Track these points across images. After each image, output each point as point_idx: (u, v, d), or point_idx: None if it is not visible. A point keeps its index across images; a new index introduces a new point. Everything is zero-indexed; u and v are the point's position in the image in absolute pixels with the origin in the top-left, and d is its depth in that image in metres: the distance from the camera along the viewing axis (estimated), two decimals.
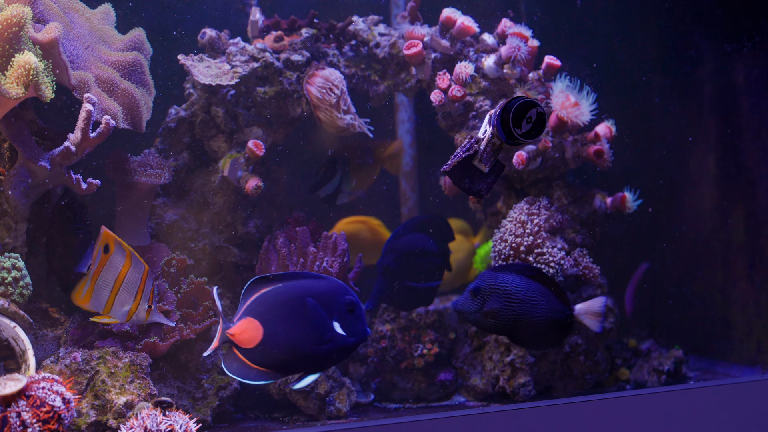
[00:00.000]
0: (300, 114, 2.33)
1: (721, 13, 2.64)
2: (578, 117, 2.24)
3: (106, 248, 1.85)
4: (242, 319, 1.76)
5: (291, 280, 1.80)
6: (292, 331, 1.75)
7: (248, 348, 1.75)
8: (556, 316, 2.00)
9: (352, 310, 1.80)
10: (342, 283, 1.84)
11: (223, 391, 2.08)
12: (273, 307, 1.76)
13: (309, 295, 1.77)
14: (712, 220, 2.67)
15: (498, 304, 1.99)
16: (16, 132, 1.89)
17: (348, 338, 1.79)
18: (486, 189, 1.71)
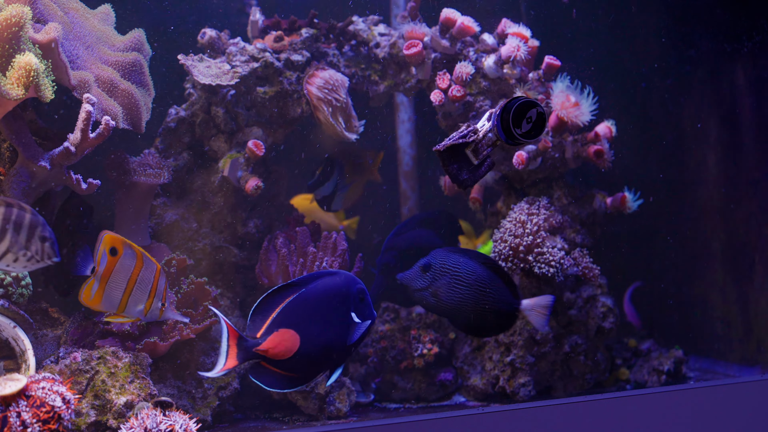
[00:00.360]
0: (300, 114, 2.33)
1: (721, 13, 2.64)
2: (578, 117, 2.24)
3: (113, 251, 1.86)
4: (275, 332, 1.74)
5: (310, 283, 1.80)
6: (325, 332, 1.77)
7: (284, 359, 1.74)
8: (502, 306, 1.96)
9: (363, 298, 1.82)
10: (350, 274, 1.86)
11: (223, 391, 2.08)
12: (304, 312, 1.76)
13: (330, 293, 1.79)
14: (713, 220, 2.67)
15: (446, 284, 1.95)
16: (16, 132, 1.89)
17: (363, 324, 1.81)
18: (471, 181, 1.70)
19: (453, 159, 1.69)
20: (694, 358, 2.64)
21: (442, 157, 1.70)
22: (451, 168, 1.69)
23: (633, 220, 2.45)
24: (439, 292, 1.96)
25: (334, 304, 1.78)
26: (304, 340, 1.74)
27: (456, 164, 1.69)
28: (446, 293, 1.96)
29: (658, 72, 2.79)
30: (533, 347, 2.23)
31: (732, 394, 2.05)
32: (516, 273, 2.21)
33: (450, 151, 1.68)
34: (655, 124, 2.80)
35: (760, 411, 2.04)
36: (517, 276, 2.27)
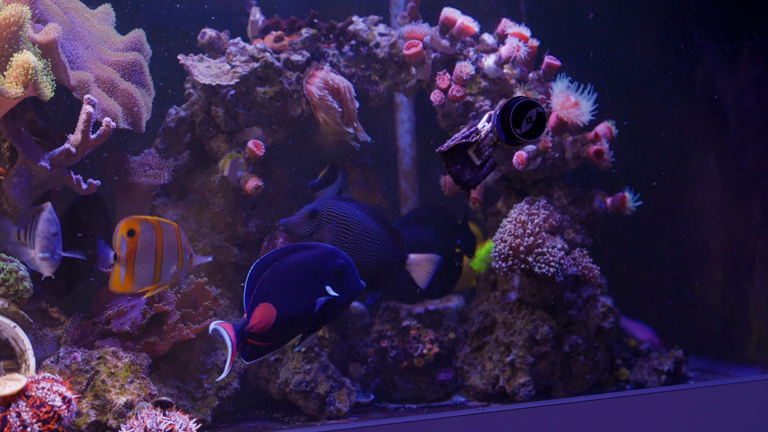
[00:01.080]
0: (300, 114, 2.33)
1: (721, 13, 2.64)
2: (578, 117, 2.24)
3: (130, 233, 1.89)
4: (256, 308, 1.81)
5: (286, 256, 1.84)
6: (296, 303, 1.82)
7: (265, 332, 1.81)
8: (388, 258, 1.95)
9: (342, 272, 1.84)
10: (332, 248, 1.88)
11: (223, 391, 2.08)
12: (278, 285, 1.82)
13: (302, 265, 1.83)
14: (712, 220, 2.67)
15: (333, 231, 1.92)
16: (16, 132, 1.89)
17: (340, 296, 1.83)
18: (474, 182, 1.70)
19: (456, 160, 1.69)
20: (694, 358, 2.64)
21: (445, 158, 1.70)
22: (454, 169, 1.69)
23: (633, 220, 2.45)
24: (325, 239, 1.92)
25: (306, 277, 1.83)
26: (279, 312, 1.80)
27: (459, 165, 1.69)
28: (332, 241, 1.93)
29: (658, 72, 2.79)
30: (533, 347, 2.23)
31: (732, 394, 2.05)
32: (516, 273, 2.21)
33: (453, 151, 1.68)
34: (655, 124, 2.80)
35: (760, 411, 2.04)
36: (517, 276, 2.27)
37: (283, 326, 1.82)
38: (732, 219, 2.59)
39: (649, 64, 2.79)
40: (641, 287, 2.78)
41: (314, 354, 2.16)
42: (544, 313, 2.26)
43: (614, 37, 2.76)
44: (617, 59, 2.76)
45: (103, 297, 2.06)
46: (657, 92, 2.80)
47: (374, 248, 1.94)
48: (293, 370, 2.14)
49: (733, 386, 2.09)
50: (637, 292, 2.74)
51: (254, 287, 1.83)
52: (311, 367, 2.14)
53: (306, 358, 2.15)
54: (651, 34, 2.79)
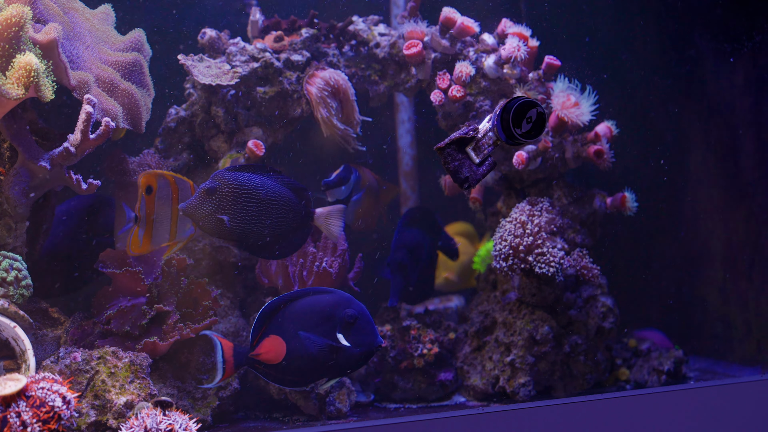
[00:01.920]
0: (300, 114, 2.33)
1: (721, 13, 2.64)
2: (578, 117, 2.24)
3: (148, 190, 1.90)
4: (267, 338, 1.90)
5: (304, 297, 1.93)
6: (309, 345, 1.89)
7: (274, 364, 1.91)
8: (297, 217, 1.94)
9: (352, 323, 1.89)
10: (347, 296, 1.93)
11: (223, 391, 2.08)
12: (292, 324, 1.89)
13: (316, 309, 1.90)
14: (712, 220, 2.67)
15: (237, 204, 1.87)
16: (16, 132, 1.89)
17: (353, 348, 1.89)
18: (472, 180, 1.70)
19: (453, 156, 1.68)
20: (694, 358, 2.64)
21: (443, 155, 1.69)
22: (452, 166, 1.68)
23: (633, 220, 2.45)
24: (230, 214, 1.88)
25: (318, 321, 1.89)
26: (289, 349, 1.89)
27: (456, 162, 1.68)
28: (239, 214, 1.89)
29: (658, 72, 2.79)
30: (533, 347, 2.23)
31: (732, 394, 2.05)
32: (516, 273, 2.21)
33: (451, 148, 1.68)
34: (655, 124, 2.80)
35: (760, 411, 2.04)
36: (517, 276, 2.27)
37: (294, 364, 1.89)
38: (732, 219, 2.59)
39: (649, 64, 2.79)
40: (641, 287, 2.78)
41: None
42: (544, 313, 2.26)
43: (614, 37, 2.76)
44: (617, 59, 2.76)
45: (103, 297, 2.06)
46: (657, 92, 2.80)
47: (282, 210, 1.93)
48: None
49: (733, 386, 2.09)
50: (637, 292, 2.74)
51: (264, 321, 1.91)
52: None
53: None
54: (651, 34, 2.79)
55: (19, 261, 1.85)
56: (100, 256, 2.08)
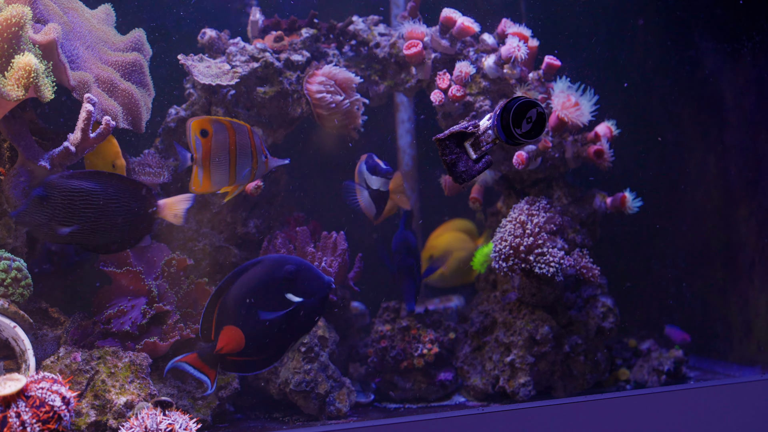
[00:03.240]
0: (300, 114, 2.33)
1: (721, 13, 2.64)
2: (578, 117, 2.24)
3: (203, 133, 1.91)
4: (222, 331, 1.87)
5: (238, 278, 1.87)
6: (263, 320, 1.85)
7: (241, 350, 1.87)
8: (139, 213, 1.90)
9: (294, 277, 1.86)
10: (277, 256, 1.92)
11: (223, 391, 2.08)
12: (237, 308, 1.86)
13: (253, 284, 1.86)
14: (713, 220, 2.67)
15: (72, 210, 1.82)
16: (16, 132, 1.89)
17: (308, 301, 1.86)
18: (467, 176, 1.69)
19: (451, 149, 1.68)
20: (694, 358, 2.64)
21: (441, 146, 1.68)
22: (448, 159, 1.68)
23: (633, 220, 2.45)
24: (65, 221, 1.83)
25: (263, 293, 1.86)
26: (246, 333, 1.85)
27: (453, 155, 1.68)
28: (75, 220, 1.84)
29: (658, 72, 2.79)
30: (533, 347, 2.23)
31: (732, 394, 2.05)
32: (516, 273, 2.21)
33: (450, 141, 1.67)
34: (655, 124, 2.80)
35: (760, 411, 2.04)
36: (517, 276, 2.27)
37: (260, 343, 1.86)
38: (732, 219, 2.59)
39: (649, 64, 2.79)
40: (641, 287, 2.78)
41: (314, 354, 2.16)
42: (544, 313, 2.26)
43: (614, 37, 2.76)
44: (617, 59, 2.76)
45: (103, 297, 2.06)
46: (657, 92, 2.80)
47: (123, 210, 1.89)
48: (293, 370, 2.14)
49: (733, 386, 2.09)
50: (637, 292, 2.74)
51: (213, 313, 1.87)
52: (311, 367, 2.14)
53: (306, 358, 2.15)
54: (651, 34, 2.79)
55: (19, 261, 1.85)
56: (100, 255, 2.08)
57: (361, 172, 2.16)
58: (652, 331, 2.65)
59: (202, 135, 1.94)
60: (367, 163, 2.12)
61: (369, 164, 2.11)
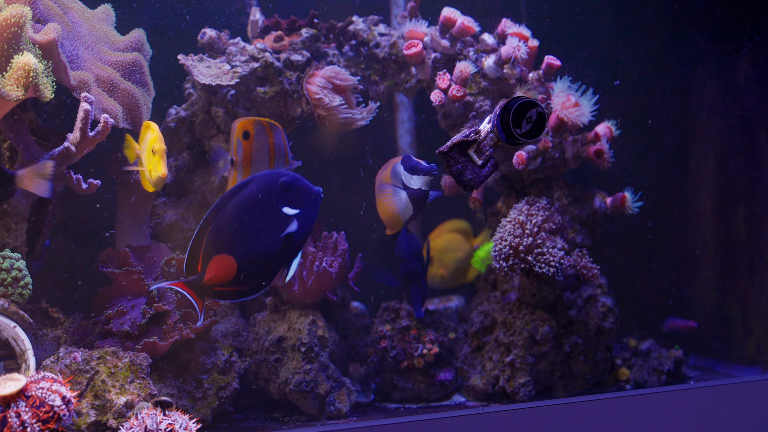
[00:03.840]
0: (300, 114, 2.33)
1: (721, 13, 2.64)
2: (578, 118, 2.24)
3: (245, 135, 1.92)
4: (210, 261, 1.79)
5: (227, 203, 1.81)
6: (258, 241, 1.80)
7: (232, 279, 1.80)
8: None
9: (289, 187, 1.82)
10: (269, 172, 1.86)
11: (223, 391, 2.08)
12: (227, 234, 1.79)
13: (246, 204, 1.80)
14: (712, 220, 2.67)
15: None
16: (16, 132, 1.89)
17: (303, 211, 1.83)
18: (476, 182, 1.70)
19: (456, 160, 1.69)
20: (694, 358, 2.64)
21: (446, 159, 1.70)
22: (455, 169, 1.69)
23: (633, 220, 2.45)
24: None
25: (257, 211, 1.80)
26: (238, 259, 1.79)
27: (459, 165, 1.69)
28: None
29: (658, 72, 2.79)
30: (533, 347, 2.23)
31: (732, 394, 2.05)
32: (516, 273, 2.21)
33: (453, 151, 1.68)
34: (655, 124, 2.80)
35: (760, 411, 2.04)
36: (517, 276, 2.27)
37: (252, 268, 1.80)
38: (732, 219, 2.59)
39: (648, 64, 2.79)
40: (641, 287, 2.78)
41: (314, 354, 2.16)
42: (544, 313, 2.26)
43: (614, 37, 2.76)
44: (617, 59, 2.76)
45: (103, 297, 2.06)
46: (657, 92, 2.80)
47: None
48: (293, 370, 2.14)
49: (733, 386, 2.09)
50: (637, 292, 2.74)
51: (200, 245, 1.79)
52: (311, 367, 2.14)
53: (306, 358, 2.15)
54: (651, 34, 2.79)
55: (19, 261, 1.85)
56: (100, 255, 2.08)
57: (396, 173, 2.00)
58: (652, 331, 2.65)
59: (243, 137, 1.93)
60: (405, 164, 1.97)
61: (408, 164, 1.96)
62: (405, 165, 1.94)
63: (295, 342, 2.16)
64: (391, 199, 1.98)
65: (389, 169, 2.00)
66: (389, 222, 2.01)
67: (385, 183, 2.00)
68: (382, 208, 2.00)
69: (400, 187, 1.99)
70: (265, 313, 2.27)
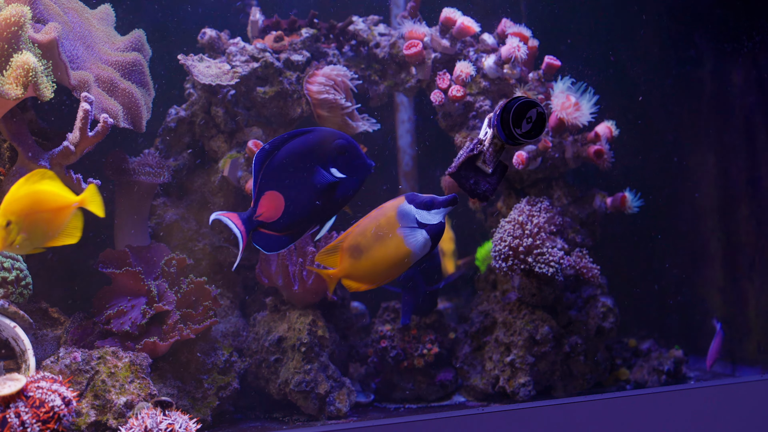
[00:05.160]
0: (300, 114, 2.33)
1: (721, 13, 2.64)
2: (578, 118, 2.24)
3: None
4: (263, 196, 1.83)
5: (286, 143, 1.84)
6: (302, 189, 1.83)
7: (276, 220, 1.83)
8: None
9: (343, 152, 1.84)
10: (330, 129, 1.88)
11: (223, 391, 2.08)
12: (281, 173, 1.83)
13: (302, 151, 1.83)
14: (713, 220, 2.67)
15: None
16: (16, 132, 1.89)
17: (348, 178, 1.85)
18: (491, 190, 1.71)
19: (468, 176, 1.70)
20: (694, 358, 2.64)
21: (457, 178, 1.70)
22: (468, 184, 1.70)
23: (633, 220, 2.45)
24: None
25: (308, 162, 1.83)
26: (287, 199, 1.82)
27: (472, 180, 1.70)
28: None
29: (658, 72, 2.79)
30: (533, 347, 2.23)
31: (732, 394, 2.05)
32: (516, 273, 2.21)
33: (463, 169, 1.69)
34: (655, 124, 2.80)
35: (760, 411, 2.04)
36: (517, 276, 2.27)
37: (295, 213, 1.82)
38: (732, 219, 2.59)
39: (649, 64, 2.79)
40: (641, 287, 2.78)
41: (314, 354, 2.16)
42: (544, 313, 2.26)
43: (614, 37, 2.76)
44: (617, 59, 2.76)
45: (103, 297, 2.06)
46: (657, 92, 2.80)
47: None
48: (293, 370, 2.14)
49: (733, 386, 2.09)
50: (637, 292, 2.74)
51: (259, 176, 1.83)
52: (311, 367, 2.14)
53: (306, 358, 2.15)
54: (651, 34, 2.79)
55: (19, 261, 1.85)
56: (99, 256, 2.08)
57: (405, 214, 1.82)
58: (652, 331, 2.65)
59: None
60: (415, 202, 1.83)
61: (419, 201, 1.82)
62: (415, 203, 1.82)
63: (295, 342, 2.16)
64: (405, 242, 1.82)
65: (390, 215, 1.83)
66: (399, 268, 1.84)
67: (392, 229, 1.83)
68: (390, 255, 1.82)
69: (414, 227, 1.83)
70: (265, 313, 2.27)
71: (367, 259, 1.82)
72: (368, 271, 1.84)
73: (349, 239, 1.83)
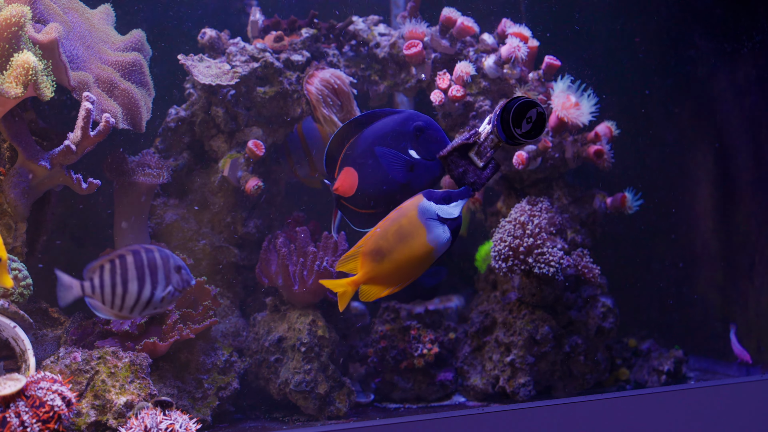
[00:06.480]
0: (300, 114, 2.33)
1: (721, 13, 2.64)
2: (578, 118, 2.24)
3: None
4: (342, 171, 1.87)
5: (374, 121, 1.88)
6: (379, 168, 1.85)
7: (352, 197, 1.87)
8: None
9: (421, 133, 1.85)
10: (414, 113, 1.90)
11: (223, 391, 2.08)
12: (362, 151, 1.86)
13: (383, 130, 1.87)
14: (713, 220, 2.67)
15: None
16: (16, 132, 1.89)
17: (422, 160, 1.85)
18: (479, 184, 1.70)
19: (458, 164, 1.69)
20: (694, 358, 2.64)
21: (447, 163, 1.70)
22: (457, 172, 1.70)
23: (633, 220, 2.45)
24: None
25: (388, 142, 1.85)
26: (361, 177, 1.85)
27: (461, 168, 1.69)
28: None
29: (658, 72, 2.79)
30: (533, 347, 2.23)
31: (732, 394, 2.05)
32: (516, 273, 2.21)
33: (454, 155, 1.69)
34: (655, 124, 2.80)
35: (760, 411, 2.04)
36: (517, 276, 2.27)
37: (368, 191, 1.85)
38: (732, 219, 2.59)
39: (649, 64, 2.79)
40: (641, 287, 2.78)
41: (314, 354, 2.16)
42: (544, 313, 2.26)
43: (614, 37, 2.76)
44: (617, 59, 2.76)
45: None
46: (657, 92, 2.80)
47: None
48: (293, 370, 2.14)
49: (733, 386, 2.09)
50: (637, 292, 2.74)
51: (341, 151, 1.87)
52: (311, 367, 2.14)
53: (306, 358, 2.15)
54: (651, 34, 2.79)
55: (18, 261, 1.85)
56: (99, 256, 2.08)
57: (426, 211, 1.76)
58: (652, 331, 2.65)
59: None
60: (433, 198, 1.77)
61: (437, 197, 1.78)
62: (434, 199, 1.78)
63: (295, 342, 2.16)
64: (428, 240, 1.77)
65: (411, 214, 1.77)
66: (422, 267, 1.80)
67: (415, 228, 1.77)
68: (414, 255, 1.77)
69: (438, 223, 1.78)
70: (265, 313, 2.27)
71: (390, 262, 1.76)
72: (391, 274, 1.77)
73: (369, 244, 1.75)
